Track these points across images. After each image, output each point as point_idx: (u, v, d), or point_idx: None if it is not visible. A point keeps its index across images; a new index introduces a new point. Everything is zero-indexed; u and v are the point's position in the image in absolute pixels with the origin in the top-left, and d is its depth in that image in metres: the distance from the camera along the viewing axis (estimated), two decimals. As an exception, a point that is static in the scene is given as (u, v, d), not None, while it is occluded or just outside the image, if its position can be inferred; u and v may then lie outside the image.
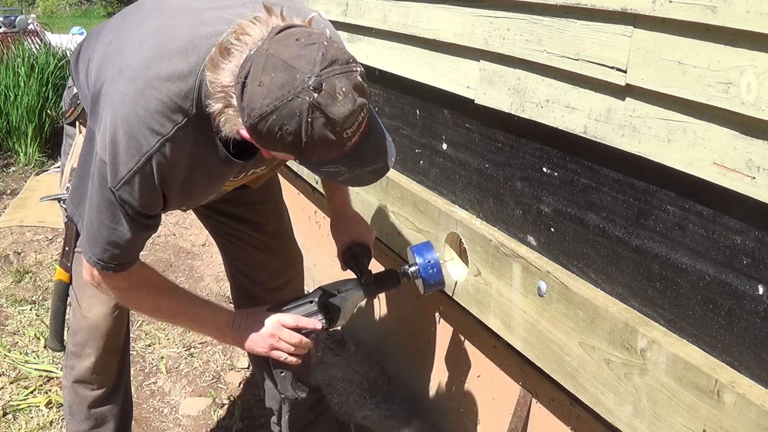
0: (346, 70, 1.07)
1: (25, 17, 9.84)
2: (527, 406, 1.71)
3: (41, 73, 5.48)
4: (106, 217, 1.30)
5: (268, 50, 1.07)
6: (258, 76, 1.06)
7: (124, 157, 1.22)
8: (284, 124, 1.06)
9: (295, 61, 1.05)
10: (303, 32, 1.10)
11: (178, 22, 1.28)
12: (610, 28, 1.21)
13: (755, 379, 1.06)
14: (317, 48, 1.07)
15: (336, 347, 2.70)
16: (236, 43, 1.12)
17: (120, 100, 1.22)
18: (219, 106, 1.15)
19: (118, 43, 1.33)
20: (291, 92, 1.04)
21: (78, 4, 27.43)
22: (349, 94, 1.07)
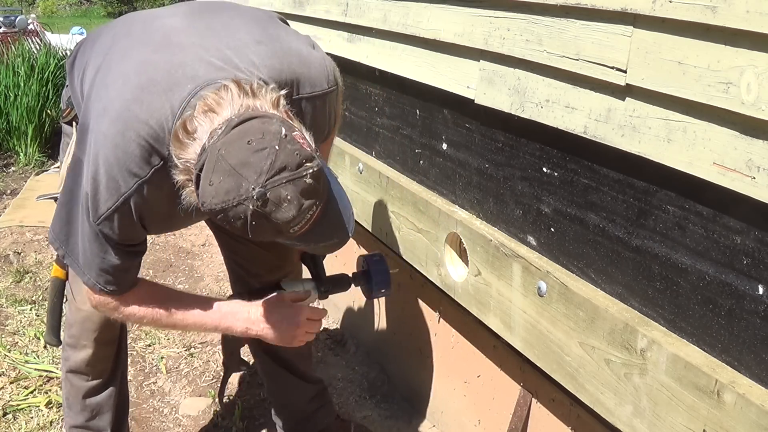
0: (294, 176, 1.08)
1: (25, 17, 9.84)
2: (527, 406, 1.71)
3: (41, 73, 5.48)
4: (95, 246, 1.36)
5: (220, 150, 1.09)
6: (209, 175, 1.09)
7: (104, 195, 1.28)
8: (232, 221, 1.11)
9: (242, 168, 1.07)
10: (258, 131, 1.10)
11: (161, 59, 1.31)
12: (610, 28, 1.21)
13: (755, 379, 1.06)
14: (267, 154, 1.07)
15: (336, 347, 2.70)
16: (200, 121, 1.16)
17: (102, 139, 1.27)
18: (182, 178, 1.19)
19: (105, 74, 1.36)
20: (236, 198, 1.08)
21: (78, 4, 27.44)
22: (294, 201, 1.09)
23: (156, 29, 1.41)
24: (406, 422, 2.23)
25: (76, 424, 1.83)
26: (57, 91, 5.61)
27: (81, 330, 1.72)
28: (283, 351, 1.99)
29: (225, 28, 1.40)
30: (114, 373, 1.83)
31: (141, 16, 1.53)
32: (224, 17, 1.44)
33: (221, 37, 1.36)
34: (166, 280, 3.33)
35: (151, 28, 1.42)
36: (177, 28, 1.39)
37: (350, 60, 2.24)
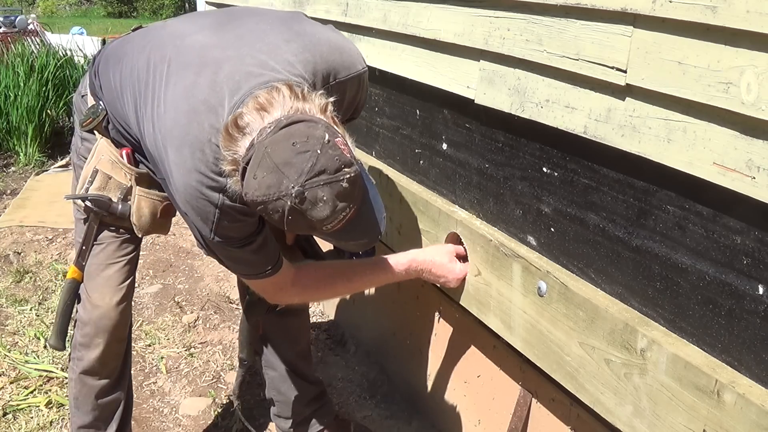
0: (331, 180, 1.16)
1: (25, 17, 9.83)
2: (527, 406, 1.71)
3: (41, 73, 5.48)
4: (226, 252, 1.44)
5: (266, 148, 1.17)
6: (254, 169, 1.17)
7: (203, 215, 1.36)
8: (270, 214, 1.20)
9: (285, 167, 1.15)
10: (303, 134, 1.17)
11: (203, 80, 1.36)
12: (610, 28, 1.21)
13: (755, 379, 1.06)
14: (309, 157, 1.15)
15: (336, 347, 2.70)
16: (251, 118, 1.23)
17: (176, 170, 1.35)
18: (229, 168, 1.26)
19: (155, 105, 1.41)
20: (276, 194, 1.16)
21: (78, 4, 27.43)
22: (330, 202, 1.17)
23: (189, 49, 1.44)
24: (406, 422, 2.23)
25: (83, 424, 1.84)
26: (57, 91, 5.61)
27: (96, 328, 1.74)
28: (286, 350, 2.00)
29: (254, 35, 1.44)
30: (123, 372, 1.86)
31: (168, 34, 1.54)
32: (250, 24, 1.48)
33: (253, 44, 1.41)
34: (166, 280, 3.33)
35: (185, 49, 1.45)
36: (209, 45, 1.43)
37: (350, 60, 2.24)
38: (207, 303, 3.07)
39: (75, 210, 1.73)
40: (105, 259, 1.71)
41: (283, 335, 2.00)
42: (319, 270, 1.68)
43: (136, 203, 1.66)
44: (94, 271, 1.72)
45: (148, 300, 3.12)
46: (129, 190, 1.65)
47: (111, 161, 1.63)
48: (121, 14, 25.00)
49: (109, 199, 1.65)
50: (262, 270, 1.49)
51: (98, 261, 1.71)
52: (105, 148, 1.64)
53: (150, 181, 1.66)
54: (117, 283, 1.73)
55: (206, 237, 1.39)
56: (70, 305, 1.77)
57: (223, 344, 2.75)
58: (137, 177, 1.65)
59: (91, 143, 1.66)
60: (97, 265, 1.71)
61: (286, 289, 1.58)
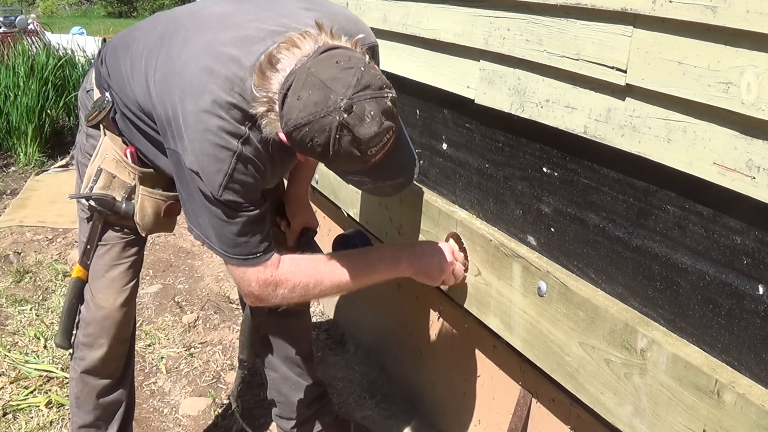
0: (377, 95, 1.17)
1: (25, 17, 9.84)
2: (527, 406, 1.71)
3: (41, 73, 5.48)
4: (223, 219, 1.39)
5: (309, 69, 1.17)
6: (298, 90, 1.17)
7: (216, 165, 1.33)
8: (315, 137, 1.18)
9: (331, 83, 1.15)
10: (344, 55, 1.20)
11: (225, 37, 1.37)
12: (610, 28, 1.21)
13: (755, 379, 1.06)
14: (354, 72, 1.16)
15: (336, 347, 2.70)
16: (285, 54, 1.23)
17: (194, 118, 1.32)
18: (262, 109, 1.26)
19: (171, 65, 1.40)
20: (324, 110, 1.15)
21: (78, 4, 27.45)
22: (377, 118, 1.17)
23: (208, 17, 1.45)
24: (406, 422, 2.23)
25: (84, 423, 1.84)
26: (57, 91, 5.61)
27: (100, 328, 1.74)
28: (288, 350, 2.00)
29: (272, 2, 1.46)
30: (125, 372, 1.86)
31: (182, 12, 1.55)
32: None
33: (273, 10, 1.42)
34: (166, 280, 3.33)
35: (203, 17, 1.46)
36: (228, 13, 1.44)
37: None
38: (207, 303, 3.07)
39: (79, 209, 1.74)
40: (110, 261, 1.71)
41: (284, 336, 2.00)
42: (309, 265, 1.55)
43: (139, 202, 1.66)
44: (98, 272, 1.72)
45: (148, 300, 3.12)
46: (133, 189, 1.65)
47: (115, 160, 1.63)
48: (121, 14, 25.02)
49: (113, 198, 1.64)
50: (253, 252, 1.43)
51: (103, 262, 1.71)
52: (109, 147, 1.63)
53: (154, 181, 1.65)
54: (121, 284, 1.73)
55: (211, 195, 1.34)
56: (75, 304, 1.77)
57: (223, 344, 2.75)
58: (141, 176, 1.64)
59: (96, 140, 1.66)
60: (102, 266, 1.71)
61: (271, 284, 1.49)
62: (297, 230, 1.89)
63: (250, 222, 1.41)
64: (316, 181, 2.56)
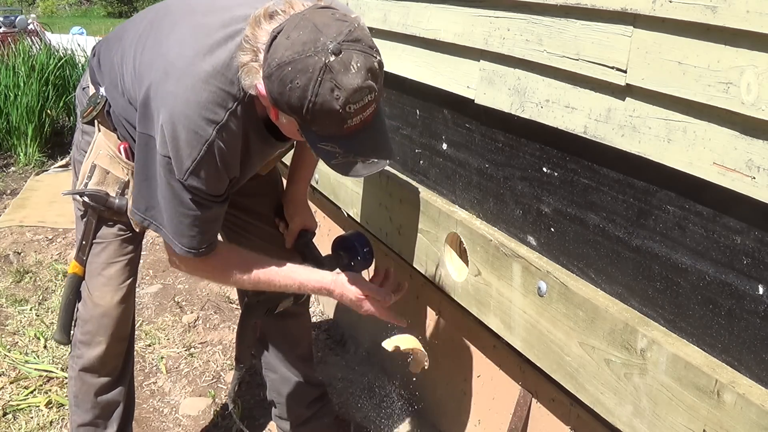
0: (366, 51, 1.18)
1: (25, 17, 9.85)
2: (527, 406, 1.71)
3: (41, 73, 5.48)
4: (184, 206, 1.40)
5: (304, 14, 1.20)
6: (288, 31, 1.18)
7: (186, 149, 1.32)
8: (296, 78, 1.15)
9: (324, 27, 1.16)
10: (341, 12, 1.22)
11: (212, 19, 1.37)
12: (610, 28, 1.21)
13: (755, 379, 1.06)
14: (347, 25, 1.18)
15: (336, 347, 2.70)
16: (281, 11, 1.24)
17: (173, 99, 1.32)
18: (246, 58, 1.25)
19: (157, 48, 1.41)
20: (311, 49, 1.14)
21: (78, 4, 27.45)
22: (362, 71, 1.16)
23: (196, 3, 1.46)
24: (406, 422, 2.23)
25: (83, 422, 1.84)
26: (57, 91, 5.61)
27: (97, 326, 1.74)
28: (287, 352, 2.00)
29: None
30: (124, 371, 1.86)
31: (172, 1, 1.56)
32: None
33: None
34: (166, 280, 3.33)
35: (191, 3, 1.47)
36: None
37: (350, 60, 2.24)
38: (207, 303, 3.07)
39: (75, 207, 1.74)
40: (106, 258, 1.71)
41: (283, 338, 2.00)
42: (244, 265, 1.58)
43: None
44: (95, 270, 1.72)
45: (148, 300, 3.12)
46: (126, 184, 1.65)
47: (109, 156, 1.63)
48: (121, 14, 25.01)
49: (106, 194, 1.64)
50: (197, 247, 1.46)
51: (100, 260, 1.71)
52: (103, 143, 1.63)
53: None
54: (118, 282, 1.73)
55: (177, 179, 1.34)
56: (72, 300, 1.77)
57: (223, 344, 2.75)
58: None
59: (91, 137, 1.66)
60: (98, 264, 1.71)
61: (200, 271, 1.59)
62: (295, 232, 1.88)
63: (205, 218, 1.42)
64: (316, 181, 2.56)
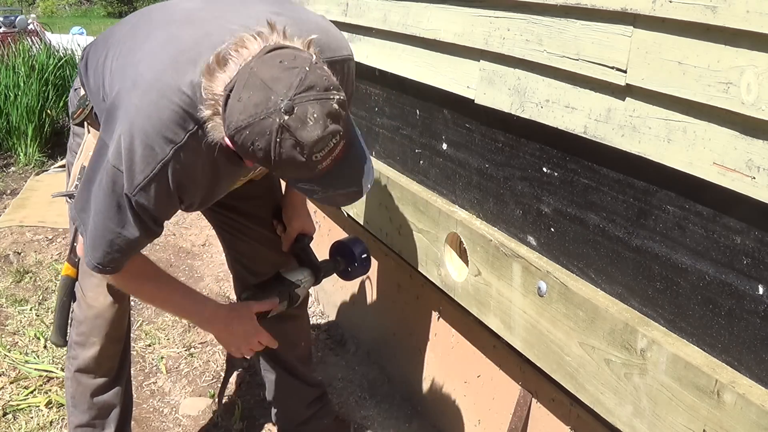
0: (321, 97, 1.11)
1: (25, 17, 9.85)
2: (527, 406, 1.71)
3: (41, 73, 5.47)
4: (113, 222, 1.36)
5: (252, 68, 1.12)
6: (239, 91, 1.12)
7: (140, 165, 1.29)
8: (255, 140, 1.12)
9: (272, 83, 1.10)
10: (290, 55, 1.14)
11: (186, 33, 1.35)
12: (610, 28, 1.21)
13: (755, 379, 1.06)
14: (297, 72, 1.11)
15: (336, 347, 2.70)
16: (233, 54, 1.18)
17: (135, 111, 1.29)
18: (209, 113, 1.20)
19: (131, 56, 1.40)
20: (264, 111, 1.09)
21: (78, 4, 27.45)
22: (320, 121, 1.10)
23: (176, 11, 1.45)
24: (406, 422, 2.23)
25: (81, 423, 1.84)
26: (57, 91, 5.60)
27: (91, 327, 1.73)
28: (285, 354, 2.00)
29: (242, 4, 1.44)
30: (120, 371, 1.85)
31: (156, 6, 1.57)
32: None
33: (240, 12, 1.40)
34: (166, 280, 3.32)
35: (171, 11, 1.46)
36: (196, 8, 1.43)
37: (350, 60, 2.24)
38: (207, 303, 3.07)
39: (68, 208, 1.73)
40: None
41: (281, 340, 1.99)
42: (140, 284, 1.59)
43: None
44: (88, 271, 1.68)
45: (148, 300, 3.11)
46: None
47: None
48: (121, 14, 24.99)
49: None
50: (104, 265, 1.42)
51: None
52: (92, 144, 1.62)
53: None
54: None
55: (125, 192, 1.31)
56: (66, 302, 1.77)
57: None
58: None
59: (81, 138, 1.65)
60: None
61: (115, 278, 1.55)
62: (292, 235, 1.87)
63: (129, 241, 1.38)
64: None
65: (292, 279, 1.78)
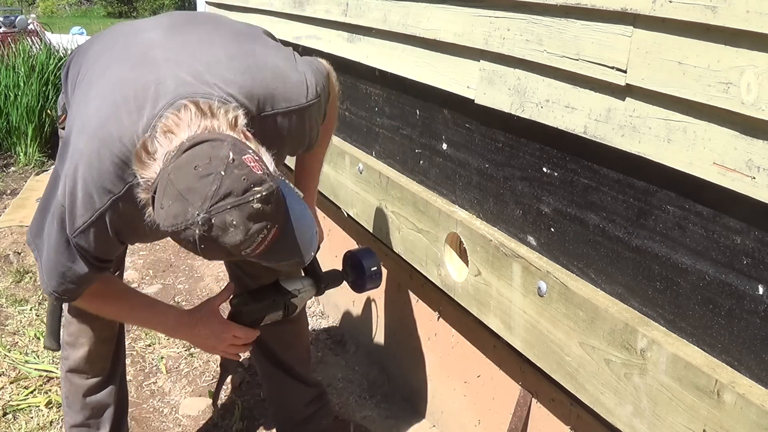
0: (240, 202, 1.09)
1: (25, 17, 9.86)
2: (527, 406, 1.71)
3: (41, 73, 5.48)
4: (63, 256, 1.39)
5: (169, 175, 1.11)
6: (161, 198, 1.13)
7: (80, 209, 1.31)
8: (184, 243, 1.14)
9: (188, 194, 1.09)
10: (205, 156, 1.11)
11: (136, 76, 1.33)
12: (610, 28, 1.21)
13: (755, 379, 1.06)
14: (212, 180, 1.09)
15: (336, 347, 2.70)
16: (159, 142, 1.18)
17: (79, 156, 1.30)
18: (144, 197, 1.20)
19: (88, 89, 1.40)
20: (183, 223, 1.10)
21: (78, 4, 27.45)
22: (241, 226, 1.09)
23: (136, 44, 1.43)
24: (406, 422, 2.23)
25: (75, 423, 1.84)
26: (57, 91, 5.60)
27: (79, 328, 1.73)
28: (282, 355, 2.00)
29: (201, 44, 1.40)
30: (113, 371, 1.84)
31: (125, 29, 1.55)
32: (202, 32, 1.44)
33: (195, 53, 1.37)
34: (166, 280, 3.33)
35: (132, 43, 1.44)
36: (155, 44, 1.41)
37: (350, 60, 2.24)
38: (207, 303, 3.07)
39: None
40: None
41: (277, 341, 1.98)
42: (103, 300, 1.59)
43: None
44: None
45: (148, 300, 3.11)
46: None
47: None
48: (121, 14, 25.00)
49: None
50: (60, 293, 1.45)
51: None
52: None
53: None
54: None
55: (67, 229, 1.34)
56: (57, 306, 1.77)
57: (223, 344, 2.74)
58: None
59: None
60: None
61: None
62: None
63: (79, 276, 1.40)
64: (316, 181, 2.55)
65: (290, 288, 1.71)
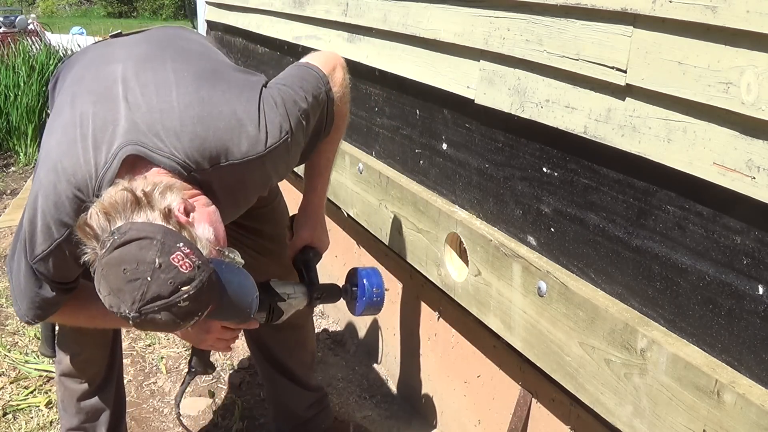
0: (167, 304, 1.14)
1: (25, 17, 9.86)
2: (527, 406, 1.71)
3: (41, 73, 5.48)
4: (31, 282, 1.43)
5: (103, 270, 1.16)
6: (98, 283, 1.18)
7: (39, 238, 1.36)
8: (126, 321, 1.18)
9: (119, 293, 1.15)
10: (133, 260, 1.14)
11: (97, 113, 1.36)
12: (610, 28, 1.21)
13: (755, 379, 1.06)
14: (139, 285, 1.13)
15: (336, 347, 2.70)
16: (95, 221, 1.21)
17: (39, 186, 1.36)
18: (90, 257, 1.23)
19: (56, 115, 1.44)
20: (117, 312, 1.16)
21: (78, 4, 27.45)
22: (170, 323, 1.16)
23: (104, 77, 1.43)
24: (406, 422, 2.23)
25: (71, 426, 1.83)
26: (57, 91, 5.61)
27: (72, 333, 1.72)
28: (284, 359, 1.99)
29: (162, 87, 1.39)
30: (108, 375, 1.83)
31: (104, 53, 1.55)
32: (168, 70, 1.42)
33: (152, 98, 1.36)
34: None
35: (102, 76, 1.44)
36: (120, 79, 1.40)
37: (350, 60, 2.23)
38: (207, 303, 3.07)
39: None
40: None
41: (280, 347, 1.97)
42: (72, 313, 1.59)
43: None
44: None
45: (148, 300, 3.11)
46: None
47: None
48: (121, 14, 25.02)
49: None
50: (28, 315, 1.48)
51: None
52: None
53: None
54: None
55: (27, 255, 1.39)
56: None
57: (223, 344, 2.74)
58: None
59: None
60: None
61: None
62: (297, 245, 1.74)
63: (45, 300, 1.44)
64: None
65: (279, 291, 1.61)
